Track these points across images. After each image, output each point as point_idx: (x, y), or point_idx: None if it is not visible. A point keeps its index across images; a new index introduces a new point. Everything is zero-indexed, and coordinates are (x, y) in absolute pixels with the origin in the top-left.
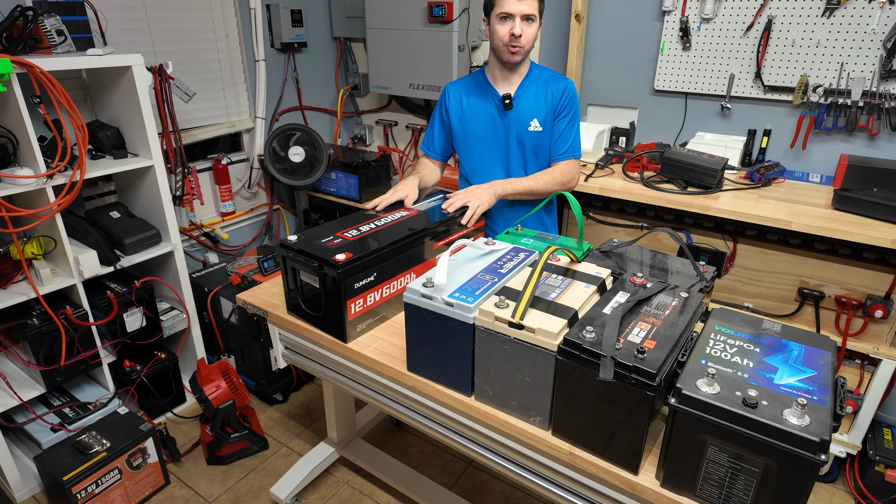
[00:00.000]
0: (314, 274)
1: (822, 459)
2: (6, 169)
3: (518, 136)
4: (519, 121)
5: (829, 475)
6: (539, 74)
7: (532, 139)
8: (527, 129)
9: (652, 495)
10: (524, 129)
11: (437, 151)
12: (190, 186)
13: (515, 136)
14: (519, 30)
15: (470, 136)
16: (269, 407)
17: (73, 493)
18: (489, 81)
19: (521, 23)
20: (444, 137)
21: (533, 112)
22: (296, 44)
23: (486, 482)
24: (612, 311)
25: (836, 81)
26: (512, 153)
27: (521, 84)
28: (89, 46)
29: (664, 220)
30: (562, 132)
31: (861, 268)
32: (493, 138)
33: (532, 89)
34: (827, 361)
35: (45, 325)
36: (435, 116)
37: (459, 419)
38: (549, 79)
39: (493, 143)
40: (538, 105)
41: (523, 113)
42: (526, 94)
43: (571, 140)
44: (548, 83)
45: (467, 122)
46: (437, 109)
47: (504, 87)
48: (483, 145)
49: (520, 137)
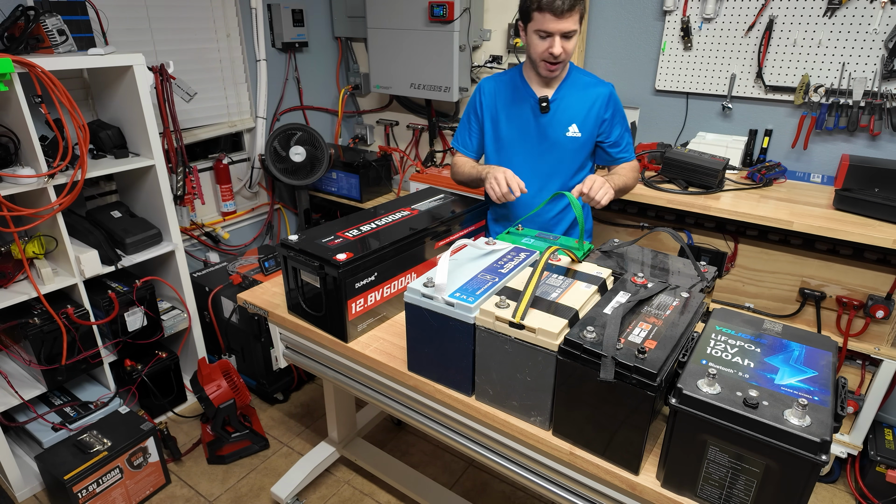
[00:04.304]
0: (315, 273)
1: (823, 460)
2: (8, 168)
3: (554, 141)
4: (556, 125)
5: (830, 476)
6: (579, 78)
7: (569, 144)
8: (564, 133)
9: (652, 495)
10: (561, 134)
11: (473, 149)
12: (191, 186)
13: (552, 140)
14: (559, 49)
15: (503, 136)
16: (269, 406)
17: (74, 493)
18: (526, 81)
19: (561, 40)
20: (479, 135)
21: (571, 117)
22: (297, 43)
23: (487, 482)
24: (613, 312)
25: (838, 81)
26: (546, 157)
27: (559, 87)
28: (90, 46)
29: (665, 220)
30: (620, 137)
31: (862, 268)
32: (528, 141)
33: (572, 93)
34: (828, 362)
35: (47, 324)
36: (469, 113)
37: (460, 419)
38: (590, 83)
39: (527, 145)
40: (578, 110)
41: (561, 117)
42: (565, 97)
43: (630, 143)
44: (588, 88)
45: (501, 123)
46: (471, 105)
47: (542, 88)
48: (516, 147)
49: (556, 142)
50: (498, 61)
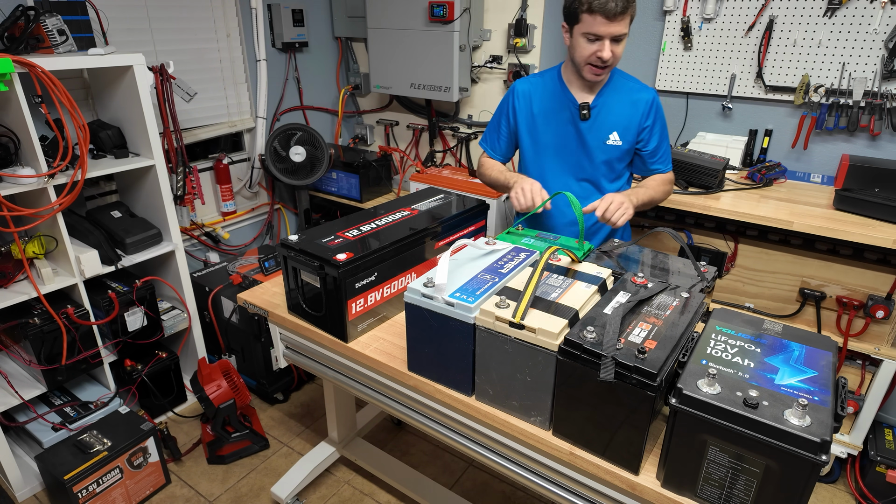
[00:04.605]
0: (315, 273)
1: (823, 460)
2: (8, 168)
3: (594, 149)
4: (597, 132)
5: (830, 476)
6: (622, 83)
7: (609, 153)
8: (605, 142)
9: (653, 495)
10: (601, 143)
11: (501, 152)
12: (191, 186)
13: (591, 148)
14: (608, 53)
15: (540, 143)
16: (269, 406)
17: (74, 493)
18: (566, 85)
19: (611, 44)
20: (508, 139)
21: (613, 124)
22: (297, 43)
23: (487, 482)
24: (613, 312)
25: (838, 81)
26: (585, 165)
27: (600, 92)
28: (91, 46)
29: (665, 220)
30: (658, 147)
31: (862, 268)
32: (566, 148)
33: (614, 99)
34: (828, 362)
35: (47, 324)
36: (500, 116)
37: (460, 419)
38: (633, 89)
39: (565, 152)
40: (620, 117)
41: (602, 125)
42: (607, 103)
43: (668, 153)
44: (631, 93)
45: (538, 128)
46: (504, 108)
47: (582, 93)
48: (553, 154)
49: (595, 150)
50: (498, 61)
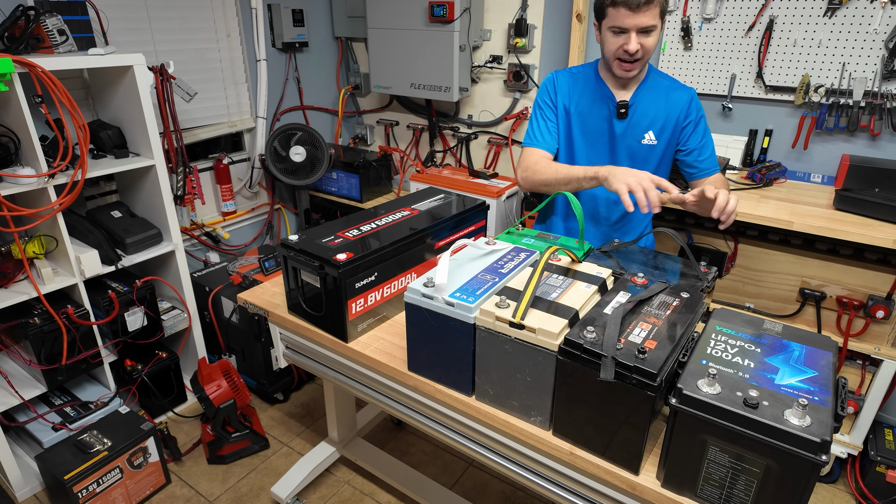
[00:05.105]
0: (315, 273)
1: (823, 460)
2: (8, 168)
3: (629, 147)
4: (632, 131)
5: (831, 476)
6: (658, 81)
7: (643, 152)
8: (639, 141)
9: (653, 495)
10: (636, 142)
11: (555, 146)
12: (191, 186)
13: (626, 146)
14: (635, 45)
15: (574, 136)
16: (269, 406)
17: (75, 493)
18: (604, 80)
19: (638, 36)
20: (557, 128)
21: (649, 123)
22: (297, 43)
23: (487, 482)
24: (613, 312)
25: (838, 81)
26: (618, 163)
27: (637, 90)
28: (91, 46)
29: (665, 220)
30: (702, 145)
31: (862, 268)
32: (598, 145)
33: (650, 97)
34: (828, 362)
35: (47, 324)
36: (542, 106)
37: (460, 419)
38: (670, 87)
39: (595, 150)
40: (656, 116)
41: (638, 123)
42: (643, 101)
43: (714, 153)
44: (668, 92)
45: (574, 121)
46: (544, 98)
47: (618, 91)
48: (586, 149)
49: (631, 149)
50: (498, 61)
